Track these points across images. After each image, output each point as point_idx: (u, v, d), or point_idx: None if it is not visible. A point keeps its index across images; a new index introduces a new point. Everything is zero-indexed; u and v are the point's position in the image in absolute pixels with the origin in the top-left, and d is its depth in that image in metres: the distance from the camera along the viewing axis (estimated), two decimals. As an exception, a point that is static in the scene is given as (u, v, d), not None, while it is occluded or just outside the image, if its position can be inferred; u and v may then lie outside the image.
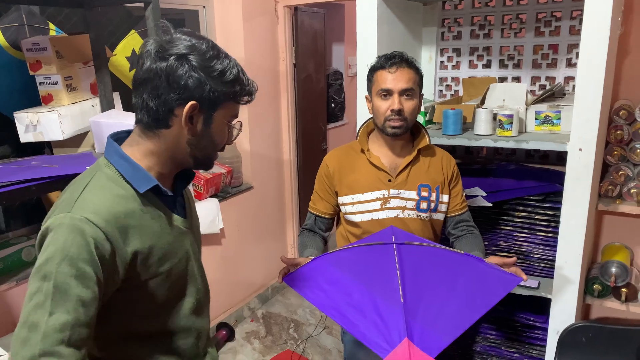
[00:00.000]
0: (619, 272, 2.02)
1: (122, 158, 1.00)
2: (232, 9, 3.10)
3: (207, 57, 0.96)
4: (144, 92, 0.97)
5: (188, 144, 1.01)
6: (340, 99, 4.44)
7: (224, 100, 0.99)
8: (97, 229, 0.90)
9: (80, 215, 0.90)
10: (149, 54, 0.95)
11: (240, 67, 1.02)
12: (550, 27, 2.17)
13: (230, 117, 1.04)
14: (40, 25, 2.11)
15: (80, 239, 0.88)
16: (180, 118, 0.97)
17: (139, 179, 0.99)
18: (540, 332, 2.05)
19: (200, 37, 0.99)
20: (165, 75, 0.94)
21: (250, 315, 3.46)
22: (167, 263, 1.03)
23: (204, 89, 0.96)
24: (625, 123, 2.00)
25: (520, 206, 2.04)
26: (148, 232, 0.99)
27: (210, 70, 0.96)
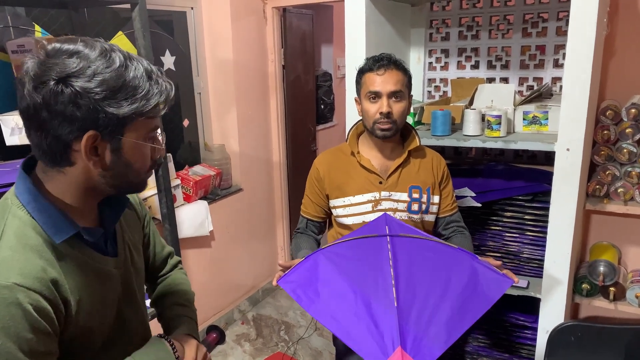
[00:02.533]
0: (607, 271, 2.04)
1: (34, 199, 0.84)
2: (220, 10, 3.08)
3: (95, 72, 0.77)
4: (32, 130, 0.81)
5: (101, 176, 0.85)
6: (330, 101, 4.44)
7: (130, 121, 0.82)
8: (31, 292, 0.78)
9: (7, 282, 0.76)
10: (22, 82, 0.79)
11: (145, 70, 0.83)
12: (538, 28, 2.19)
13: (147, 133, 0.86)
14: (26, 26, 2.08)
15: (16, 310, 0.76)
16: (80, 152, 0.81)
17: (55, 227, 0.84)
18: (529, 331, 2.06)
19: (87, 44, 0.80)
20: (47, 108, 0.77)
21: (240, 318, 3.44)
22: (96, 317, 0.91)
23: (96, 115, 0.78)
24: (611, 123, 2.02)
25: (509, 206, 2.05)
26: (74, 284, 0.86)
27: (99, 91, 0.77)
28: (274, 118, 3.61)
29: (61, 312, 0.83)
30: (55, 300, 0.82)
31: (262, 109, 3.51)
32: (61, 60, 0.77)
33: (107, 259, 0.95)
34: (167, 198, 2.13)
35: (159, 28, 2.74)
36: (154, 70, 0.85)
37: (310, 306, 1.28)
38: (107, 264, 0.95)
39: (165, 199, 2.13)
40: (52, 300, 0.81)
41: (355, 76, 1.66)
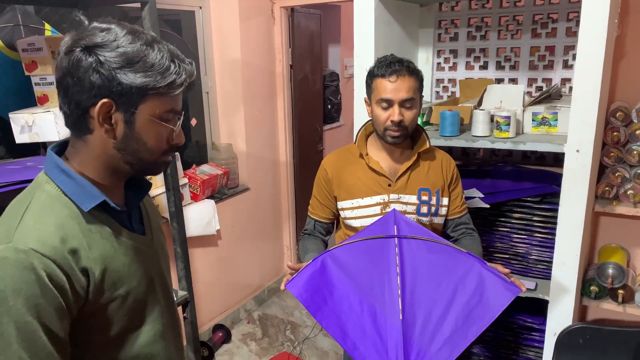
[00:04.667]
0: (616, 273, 2.03)
1: (63, 172, 0.89)
2: (229, 9, 3.09)
3: (119, 45, 0.83)
4: (60, 97, 0.87)
5: (116, 149, 0.89)
6: (337, 101, 4.43)
7: (143, 94, 0.85)
8: (46, 260, 0.80)
9: (24, 247, 0.80)
10: (59, 52, 0.85)
11: (170, 52, 0.87)
12: (547, 28, 2.18)
13: (163, 113, 0.89)
14: (36, 25, 2.09)
15: (31, 274, 0.79)
16: (96, 118, 0.85)
17: (83, 196, 0.88)
18: (537, 333, 2.06)
19: (120, 24, 0.86)
20: (70, 72, 0.83)
21: (246, 317, 3.45)
22: (122, 287, 0.93)
23: (112, 84, 0.83)
24: (621, 125, 2.00)
25: (517, 207, 2.04)
26: (98, 254, 0.88)
27: (118, 60, 0.82)
28: (281, 118, 3.61)
29: (79, 282, 0.85)
30: (71, 270, 0.84)
31: (269, 109, 3.52)
32: (93, 33, 0.84)
33: (134, 235, 0.98)
34: (175, 197, 2.14)
35: (167, 27, 2.75)
36: (179, 55, 0.89)
37: (317, 313, 1.28)
38: (135, 240, 0.98)
39: (173, 197, 2.14)
40: (68, 270, 0.83)
41: (366, 78, 1.63)
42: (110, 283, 0.90)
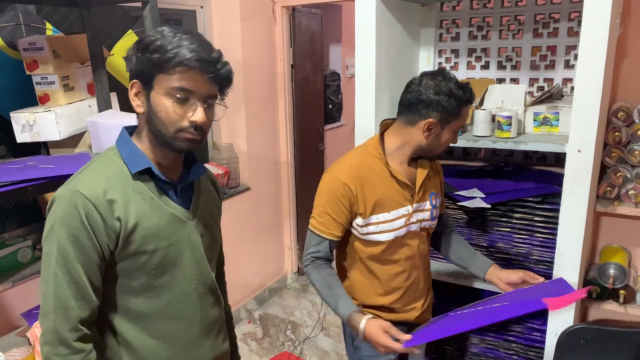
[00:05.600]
0: (617, 274, 2.02)
1: (125, 142, 1.11)
2: (230, 9, 3.09)
3: (151, 40, 1.02)
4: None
5: (146, 122, 1.08)
6: (338, 100, 4.43)
7: (154, 74, 1.03)
8: (87, 201, 1.01)
9: (74, 189, 1.02)
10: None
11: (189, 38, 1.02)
12: (549, 28, 2.17)
13: (169, 89, 1.02)
14: (37, 24, 2.09)
15: (73, 210, 1.00)
16: (134, 93, 1.07)
17: (133, 161, 1.08)
18: (538, 334, 2.05)
19: (186, 30, 1.06)
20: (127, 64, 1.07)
21: (247, 317, 3.44)
22: (151, 243, 1.08)
23: (137, 67, 1.03)
24: (623, 125, 2.00)
25: (518, 208, 2.03)
26: (135, 210, 1.06)
27: (136, 47, 1.04)
28: (282, 117, 3.61)
29: (113, 226, 1.04)
30: (106, 215, 1.03)
31: (270, 109, 3.52)
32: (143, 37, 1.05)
33: (175, 205, 1.14)
34: (175, 196, 2.14)
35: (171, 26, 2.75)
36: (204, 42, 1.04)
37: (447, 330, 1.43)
38: (174, 209, 1.13)
39: (174, 197, 2.13)
40: (103, 214, 1.02)
41: (448, 103, 1.46)
42: (141, 236, 1.06)
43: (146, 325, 1.13)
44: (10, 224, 2.12)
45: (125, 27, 2.52)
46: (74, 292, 1.01)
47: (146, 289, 1.11)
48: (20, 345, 1.75)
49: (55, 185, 1.54)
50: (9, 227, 2.11)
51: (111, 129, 1.81)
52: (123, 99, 2.27)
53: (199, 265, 1.20)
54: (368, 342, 1.42)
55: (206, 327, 1.23)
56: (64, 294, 1.00)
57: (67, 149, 2.00)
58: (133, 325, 1.12)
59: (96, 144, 1.87)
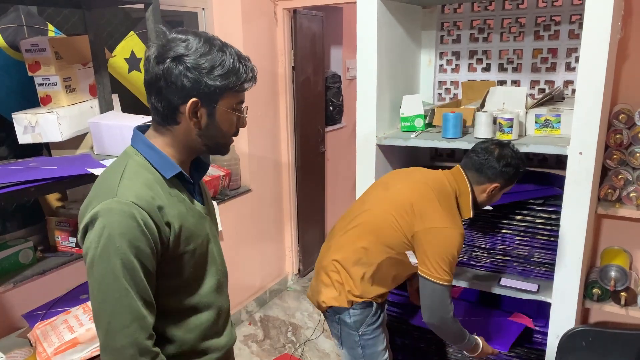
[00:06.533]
0: (619, 276, 2.02)
1: (149, 147, 1.10)
2: (231, 11, 3.09)
3: (199, 55, 1.02)
4: (152, 96, 1.06)
5: (198, 135, 1.09)
6: (339, 102, 4.43)
7: (223, 92, 1.06)
8: (142, 211, 1.01)
9: (126, 200, 1.00)
10: (149, 60, 1.04)
11: (237, 55, 1.07)
12: (550, 31, 2.18)
13: (235, 105, 1.10)
14: (39, 26, 2.09)
15: (132, 221, 0.99)
16: (184, 113, 1.05)
17: (165, 166, 1.09)
18: (540, 336, 2.05)
19: (195, 34, 1.05)
20: (164, 78, 1.02)
21: (248, 319, 3.44)
22: (192, 243, 1.12)
23: (199, 86, 1.03)
24: (624, 127, 2.00)
25: (520, 210, 2.04)
26: (176, 213, 1.08)
27: (202, 67, 1.02)
28: (283, 119, 3.61)
29: (165, 231, 1.05)
30: (159, 222, 1.04)
31: (271, 110, 3.52)
32: (176, 44, 1.02)
33: (197, 203, 1.18)
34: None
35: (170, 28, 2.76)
36: (242, 56, 1.09)
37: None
38: (197, 206, 1.18)
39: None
40: (157, 221, 1.03)
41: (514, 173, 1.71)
42: (185, 238, 1.10)
43: (183, 320, 1.16)
44: (12, 225, 2.12)
45: (127, 28, 2.52)
46: (143, 301, 1.02)
47: (184, 286, 1.15)
48: (21, 346, 1.75)
49: (58, 186, 1.54)
50: (10, 228, 2.11)
51: (113, 130, 1.82)
52: (124, 100, 2.27)
53: (219, 256, 1.27)
54: (484, 352, 1.83)
55: (227, 315, 1.31)
56: (136, 305, 1.01)
57: (69, 150, 2.00)
58: (171, 322, 1.15)
59: (98, 145, 1.88)
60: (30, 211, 2.16)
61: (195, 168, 1.22)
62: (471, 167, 1.73)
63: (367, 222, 1.73)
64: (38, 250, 2.07)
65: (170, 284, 1.12)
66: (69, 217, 2.09)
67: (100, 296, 1.00)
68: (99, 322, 1.01)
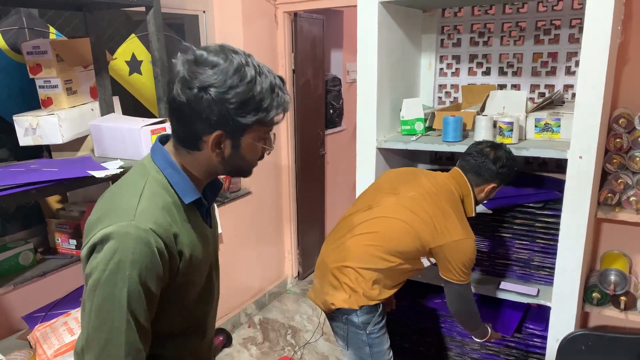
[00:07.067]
0: (618, 280, 2.03)
1: (171, 166, 1.04)
2: (232, 14, 3.10)
3: (228, 86, 0.94)
4: (174, 119, 1.01)
5: (220, 163, 1.04)
6: (339, 105, 4.43)
7: (251, 127, 0.99)
8: (159, 239, 0.95)
9: (145, 226, 0.94)
10: (173, 81, 0.97)
11: (271, 85, 0.98)
12: (550, 35, 2.18)
13: (263, 135, 1.04)
14: (40, 28, 2.10)
15: (147, 249, 0.94)
16: (207, 142, 0.99)
17: (186, 190, 1.04)
18: (539, 340, 2.05)
19: (226, 57, 0.96)
20: (189, 107, 0.96)
21: (247, 321, 3.44)
22: (197, 272, 1.09)
23: (226, 121, 0.96)
24: (624, 131, 2.01)
25: (519, 213, 2.04)
26: (189, 242, 1.04)
27: (232, 101, 0.94)
28: (283, 122, 3.60)
29: (176, 261, 1.01)
30: (173, 250, 0.99)
31: (271, 113, 3.52)
32: (204, 70, 0.94)
33: (206, 226, 1.14)
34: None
35: (171, 31, 2.76)
36: (277, 84, 1.00)
37: None
38: (207, 230, 1.13)
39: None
40: (172, 250, 0.99)
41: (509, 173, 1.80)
42: (192, 267, 1.05)
43: (171, 343, 1.12)
44: (12, 227, 2.12)
45: (128, 31, 2.53)
46: (142, 332, 0.96)
47: (181, 311, 1.10)
48: (21, 348, 1.75)
49: (58, 188, 1.54)
50: (10, 229, 2.11)
51: (114, 133, 1.82)
52: (125, 102, 2.27)
53: (218, 279, 1.23)
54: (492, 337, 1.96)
55: (211, 341, 1.29)
56: (134, 338, 0.94)
57: (70, 153, 2.00)
58: (166, 345, 1.10)
59: (98, 148, 1.88)
60: (30, 213, 2.16)
61: (210, 187, 1.16)
62: (469, 169, 1.81)
63: (380, 230, 1.75)
64: (38, 252, 2.07)
65: (167, 309, 1.06)
66: (70, 219, 2.09)
67: (97, 322, 0.93)
68: (90, 348, 0.94)
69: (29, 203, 2.13)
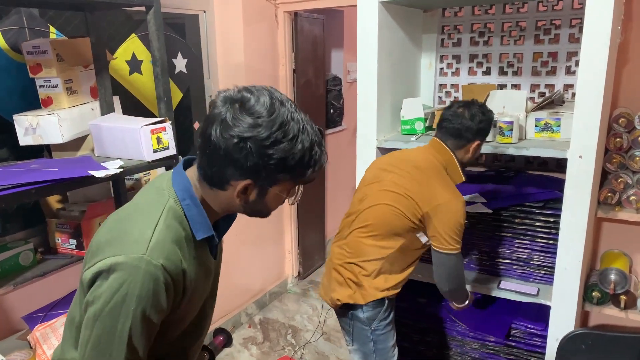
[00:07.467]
0: (618, 279, 2.03)
1: (190, 198, 1.00)
2: (233, 14, 3.10)
3: (270, 142, 0.90)
4: (204, 156, 0.96)
5: (241, 206, 1.01)
6: (339, 105, 4.44)
7: (282, 181, 0.97)
8: (169, 276, 0.93)
9: (157, 262, 0.91)
10: (212, 122, 0.92)
11: (311, 143, 0.95)
12: (550, 35, 2.18)
13: (292, 189, 1.02)
14: (41, 28, 2.10)
15: (156, 286, 0.91)
16: (234, 187, 0.97)
17: (201, 226, 1.01)
18: (539, 339, 2.05)
19: (273, 109, 0.92)
20: (225, 151, 0.92)
21: (247, 321, 3.44)
22: (193, 307, 1.07)
23: (259, 172, 0.93)
24: (624, 131, 2.01)
25: (519, 213, 2.04)
26: (194, 277, 1.01)
27: (270, 157, 0.91)
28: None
29: (179, 295, 0.98)
30: (179, 286, 0.97)
31: (272, 113, 3.52)
32: (249, 119, 0.90)
33: (212, 259, 1.10)
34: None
35: (171, 31, 2.76)
36: (316, 141, 0.97)
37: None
38: (211, 263, 1.10)
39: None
40: (177, 286, 0.96)
41: (488, 126, 1.77)
42: (191, 303, 1.04)
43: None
44: (12, 227, 2.12)
45: (129, 30, 2.53)
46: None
47: (168, 340, 1.08)
48: (21, 348, 1.75)
49: (59, 188, 1.54)
50: (10, 229, 2.11)
51: (114, 132, 1.82)
52: (126, 102, 2.27)
53: (212, 308, 1.21)
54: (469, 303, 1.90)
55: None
56: None
57: (70, 152, 2.00)
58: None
59: (99, 147, 1.88)
60: (30, 213, 2.16)
61: (224, 217, 1.12)
62: (449, 136, 1.78)
63: (371, 219, 1.77)
64: (38, 252, 2.07)
65: (169, 334, 1.05)
66: (70, 219, 2.09)
67: (94, 353, 0.91)
68: None
69: (29, 203, 2.13)
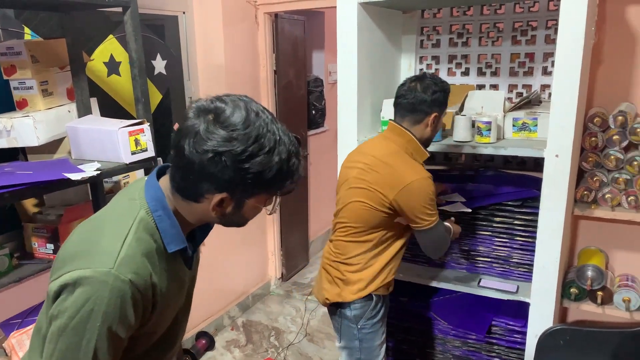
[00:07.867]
0: (595, 275, 2.06)
1: (164, 210, 0.97)
2: (212, 15, 3.08)
3: (246, 156, 0.88)
4: (178, 170, 0.94)
5: (217, 217, 0.99)
6: (321, 106, 4.44)
7: (259, 193, 0.95)
8: (137, 291, 0.90)
9: (124, 277, 0.88)
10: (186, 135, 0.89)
11: (288, 154, 0.93)
12: (527, 36, 2.21)
13: (269, 200, 1.00)
14: (15, 29, 2.06)
15: (123, 302, 0.88)
16: (210, 200, 0.94)
17: (172, 238, 0.98)
18: (519, 336, 2.08)
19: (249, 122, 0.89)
20: (198, 166, 0.89)
21: (230, 324, 3.42)
22: (164, 320, 1.04)
23: (235, 186, 0.91)
24: (599, 130, 2.04)
25: (498, 212, 2.06)
26: (165, 291, 0.98)
27: (246, 171, 0.89)
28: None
29: (148, 309, 0.95)
30: (148, 301, 0.94)
31: (253, 114, 3.51)
32: (223, 132, 0.87)
33: (186, 270, 1.07)
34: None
35: (150, 32, 2.73)
36: (293, 151, 0.94)
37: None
38: (185, 274, 1.07)
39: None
40: (147, 301, 0.94)
41: (444, 97, 1.75)
42: (165, 315, 1.02)
43: None
44: (-13, 232, 2.07)
45: (107, 32, 2.49)
46: None
47: (149, 350, 1.06)
48: (-4, 355, 1.72)
49: (33, 191, 1.52)
50: (-15, 234, 2.07)
51: (91, 135, 1.79)
52: (103, 104, 2.24)
53: (186, 319, 1.19)
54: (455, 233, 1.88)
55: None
56: None
57: (46, 155, 1.97)
58: None
59: (76, 150, 1.85)
60: (6, 217, 2.12)
61: (200, 226, 1.09)
62: (405, 113, 1.76)
63: (346, 218, 1.80)
64: (14, 258, 2.03)
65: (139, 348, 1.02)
66: (47, 223, 2.05)
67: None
68: None
69: (4, 207, 2.09)
